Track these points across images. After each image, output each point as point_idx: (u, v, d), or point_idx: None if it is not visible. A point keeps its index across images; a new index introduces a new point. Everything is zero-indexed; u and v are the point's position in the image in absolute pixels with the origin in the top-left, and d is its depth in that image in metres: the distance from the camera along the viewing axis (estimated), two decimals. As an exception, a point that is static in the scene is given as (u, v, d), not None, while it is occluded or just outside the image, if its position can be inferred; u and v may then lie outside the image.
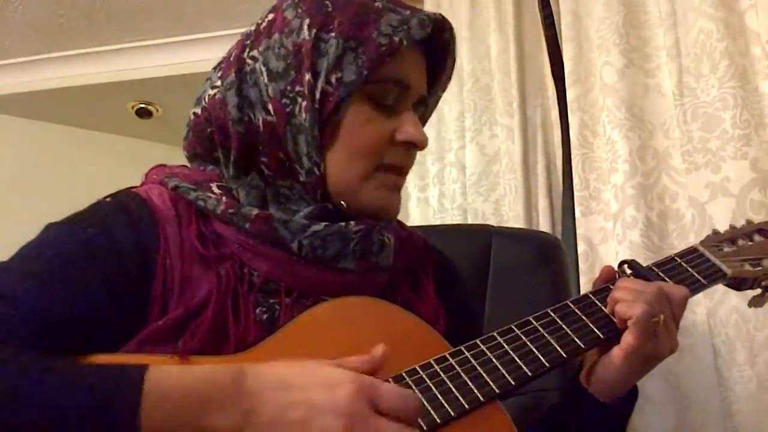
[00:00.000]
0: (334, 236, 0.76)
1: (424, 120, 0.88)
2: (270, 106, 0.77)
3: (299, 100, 0.76)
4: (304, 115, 0.76)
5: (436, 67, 0.86)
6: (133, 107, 2.89)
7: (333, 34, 0.76)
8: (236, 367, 0.61)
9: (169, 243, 0.75)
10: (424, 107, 0.86)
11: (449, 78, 0.88)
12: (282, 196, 0.79)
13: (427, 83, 0.85)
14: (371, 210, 0.79)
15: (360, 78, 0.75)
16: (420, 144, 0.80)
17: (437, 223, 1.86)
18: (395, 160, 0.80)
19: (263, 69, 0.78)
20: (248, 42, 0.81)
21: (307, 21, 0.78)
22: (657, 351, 0.78)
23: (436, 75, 0.86)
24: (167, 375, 0.59)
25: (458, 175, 1.87)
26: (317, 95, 0.76)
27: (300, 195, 0.79)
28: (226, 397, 0.58)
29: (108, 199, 0.79)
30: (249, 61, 0.80)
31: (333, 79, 0.75)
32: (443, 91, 0.88)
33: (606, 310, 0.81)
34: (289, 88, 0.76)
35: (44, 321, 0.66)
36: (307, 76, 0.76)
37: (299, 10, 0.79)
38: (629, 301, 0.77)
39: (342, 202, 0.78)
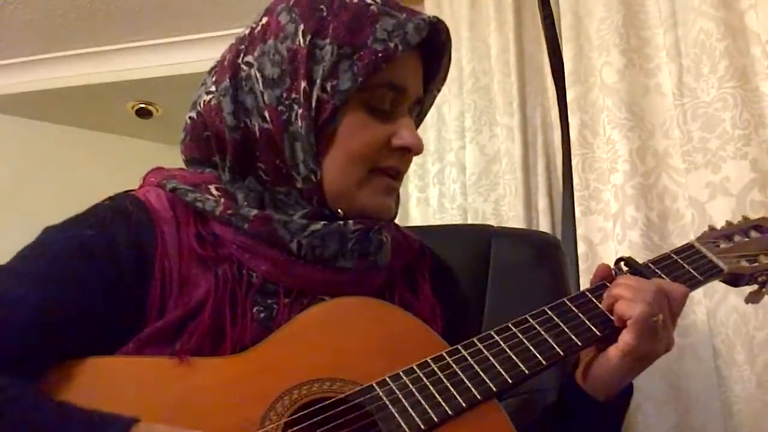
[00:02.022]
0: (332, 235, 0.76)
1: (420, 119, 0.88)
2: (266, 113, 0.77)
3: (295, 107, 0.76)
4: (300, 122, 0.76)
5: (432, 66, 0.85)
6: (133, 107, 2.89)
7: (328, 41, 0.76)
8: None
9: (167, 245, 0.75)
10: (420, 106, 0.86)
11: (445, 77, 0.88)
12: (279, 201, 0.79)
13: (424, 82, 0.84)
14: (367, 214, 0.80)
15: (355, 85, 0.75)
16: (415, 150, 0.80)
17: (437, 223, 1.86)
18: (391, 165, 0.80)
19: (258, 75, 0.78)
20: (242, 47, 0.81)
21: (301, 26, 0.77)
22: (654, 350, 0.77)
23: (432, 74, 0.86)
24: None
25: (458, 175, 1.86)
26: (313, 103, 0.76)
27: (296, 200, 0.79)
28: None
29: (106, 202, 0.79)
30: (244, 66, 0.80)
31: (328, 87, 0.75)
32: (439, 90, 0.88)
33: (602, 307, 0.80)
34: (284, 95, 0.77)
35: (42, 324, 0.66)
36: (303, 84, 0.76)
37: (293, 15, 0.78)
38: (629, 300, 0.77)
39: (339, 210, 0.79)
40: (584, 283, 1.54)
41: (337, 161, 0.77)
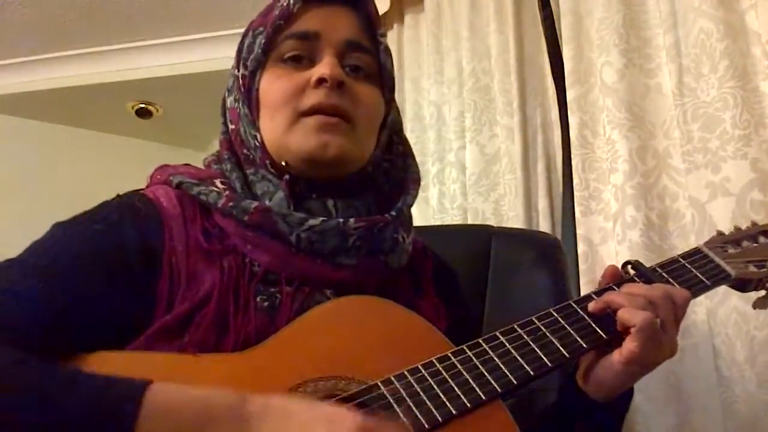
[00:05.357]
0: (331, 231, 0.77)
1: (380, 67, 0.87)
2: (230, 116, 0.87)
3: (240, 99, 0.85)
4: (241, 107, 0.84)
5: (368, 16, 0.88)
6: (133, 107, 2.89)
7: (250, 32, 0.87)
8: (239, 393, 0.61)
9: (174, 240, 0.76)
10: (363, 53, 0.85)
11: (377, 19, 0.88)
12: (252, 183, 0.83)
13: (369, 32, 0.87)
14: (305, 156, 0.80)
15: (261, 48, 0.83)
16: (328, 76, 0.79)
17: (437, 223, 1.87)
18: (312, 102, 0.80)
19: (228, 88, 0.89)
20: None
21: (244, 33, 0.89)
22: (658, 356, 0.77)
23: (370, 23, 0.88)
24: (167, 392, 0.59)
25: (458, 175, 1.87)
26: (240, 81, 0.85)
27: (263, 176, 0.83)
28: (226, 420, 0.58)
29: (115, 199, 0.81)
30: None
31: (248, 63, 0.85)
32: (383, 35, 0.89)
33: (594, 310, 0.79)
34: (236, 94, 0.86)
35: (51, 320, 0.67)
36: (235, 73, 0.87)
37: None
38: (633, 308, 0.76)
39: (283, 162, 0.81)
40: (584, 283, 1.54)
41: (266, 117, 0.83)
